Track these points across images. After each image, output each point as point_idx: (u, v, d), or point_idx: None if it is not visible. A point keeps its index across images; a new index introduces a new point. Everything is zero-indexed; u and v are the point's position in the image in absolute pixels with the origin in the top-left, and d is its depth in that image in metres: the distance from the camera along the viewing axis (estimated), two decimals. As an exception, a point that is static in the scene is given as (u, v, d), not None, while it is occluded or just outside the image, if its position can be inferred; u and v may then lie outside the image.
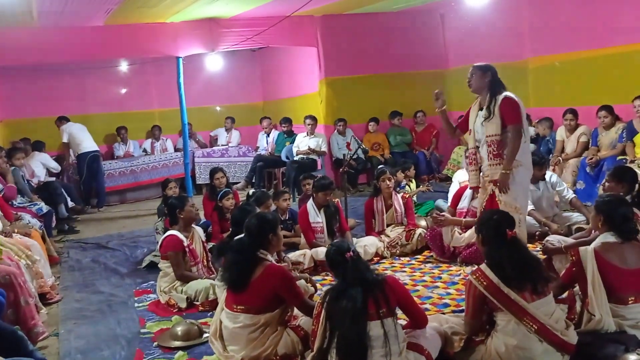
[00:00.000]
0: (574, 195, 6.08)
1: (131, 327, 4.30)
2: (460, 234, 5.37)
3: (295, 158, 9.25)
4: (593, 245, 3.40)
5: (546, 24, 8.35)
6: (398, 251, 5.70)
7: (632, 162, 6.37)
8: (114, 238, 7.30)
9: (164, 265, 4.83)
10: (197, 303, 4.54)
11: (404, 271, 5.25)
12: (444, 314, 4.02)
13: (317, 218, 5.71)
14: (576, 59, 7.98)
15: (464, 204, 5.62)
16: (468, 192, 5.58)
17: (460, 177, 6.62)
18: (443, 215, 5.40)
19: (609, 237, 3.39)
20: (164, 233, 5.06)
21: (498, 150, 4.47)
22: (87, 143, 9.29)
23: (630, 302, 3.30)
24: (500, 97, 4.40)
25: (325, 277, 5.18)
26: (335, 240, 4.89)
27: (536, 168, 5.91)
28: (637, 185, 4.37)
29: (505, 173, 4.41)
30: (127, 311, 4.68)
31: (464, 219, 5.44)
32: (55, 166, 9.05)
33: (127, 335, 4.16)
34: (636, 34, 7.08)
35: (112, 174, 9.70)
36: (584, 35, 7.77)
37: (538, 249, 5.27)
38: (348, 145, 9.38)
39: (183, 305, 4.54)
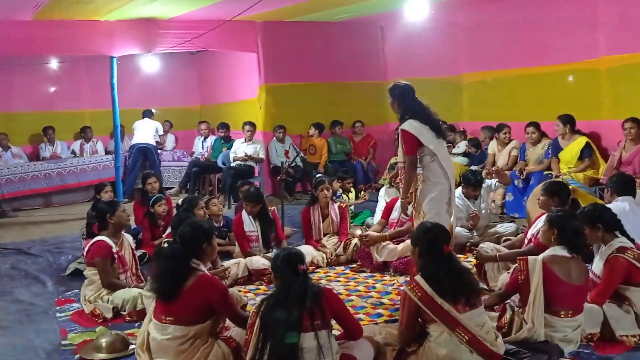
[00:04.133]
0: None
1: (51, 339, 4.10)
2: (392, 246, 5.42)
3: (232, 164, 9.13)
4: (542, 256, 3.53)
5: (480, 41, 8.67)
6: (333, 261, 5.71)
7: (557, 177, 6.66)
8: (36, 243, 6.97)
9: (89, 272, 4.64)
10: (124, 313, 4.39)
11: (339, 281, 5.25)
12: (377, 324, 4.05)
13: (252, 227, 5.64)
14: (507, 76, 8.33)
15: (394, 214, 5.74)
16: (398, 203, 5.66)
17: (386, 195, 6.72)
18: (367, 236, 5.47)
19: (558, 250, 3.53)
20: (91, 239, 4.86)
21: (401, 175, 4.55)
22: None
23: (562, 316, 3.45)
24: (400, 128, 4.41)
25: (259, 287, 5.13)
26: (288, 247, 4.82)
27: (470, 188, 6.10)
28: (569, 201, 4.54)
29: (403, 202, 4.52)
30: (47, 321, 4.45)
31: (388, 233, 5.55)
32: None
33: (47, 347, 3.96)
34: (562, 55, 7.48)
35: (36, 175, 9.23)
36: (515, 54, 8.13)
37: (469, 259, 5.40)
38: (286, 153, 9.35)
39: (109, 315, 4.38)
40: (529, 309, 3.40)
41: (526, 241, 4.60)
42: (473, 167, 7.77)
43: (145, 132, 10.13)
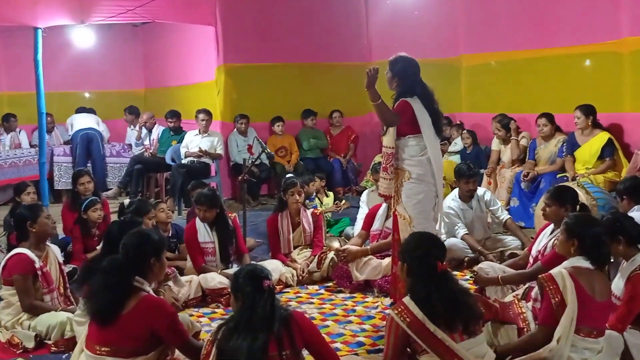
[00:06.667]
0: (508, 216, 6.39)
1: (-42, 374, 4.03)
2: (375, 262, 5.45)
3: (184, 161, 9.09)
4: (563, 267, 3.57)
5: (483, 17, 8.74)
6: (305, 278, 5.72)
7: (573, 179, 6.74)
8: (-60, 256, 6.82)
9: (7, 292, 4.62)
10: (49, 342, 4.37)
11: (312, 302, 5.28)
12: (357, 354, 4.07)
13: (207, 237, 5.63)
14: (514, 59, 8.41)
15: (377, 225, 5.79)
16: (381, 211, 5.77)
17: (368, 200, 6.76)
18: (345, 251, 5.49)
19: (581, 262, 3.57)
20: (9, 251, 4.85)
21: (386, 163, 4.65)
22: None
23: (582, 335, 3.47)
24: (401, 98, 4.53)
25: (215, 310, 5.14)
26: (252, 262, 4.83)
27: (463, 180, 6.17)
28: (578, 207, 4.61)
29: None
30: (-47, 353, 4.38)
31: (370, 246, 5.59)
32: None
33: (-48, 384, 3.89)
34: (578, 35, 7.54)
35: (-59, 173, 9.08)
36: (525, 33, 8.19)
37: (467, 277, 5.46)
38: (250, 148, 9.33)
39: (30, 344, 4.35)
40: (561, 326, 3.40)
41: (531, 259, 4.64)
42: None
43: (85, 119, 10.29)
